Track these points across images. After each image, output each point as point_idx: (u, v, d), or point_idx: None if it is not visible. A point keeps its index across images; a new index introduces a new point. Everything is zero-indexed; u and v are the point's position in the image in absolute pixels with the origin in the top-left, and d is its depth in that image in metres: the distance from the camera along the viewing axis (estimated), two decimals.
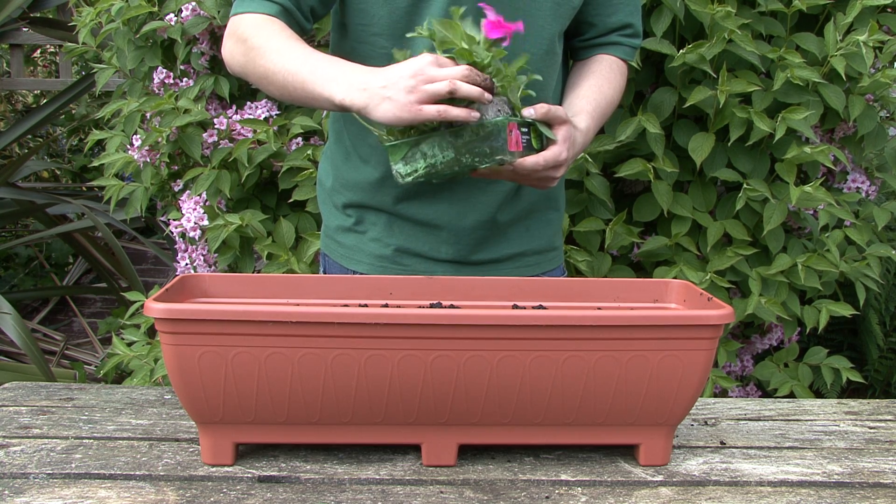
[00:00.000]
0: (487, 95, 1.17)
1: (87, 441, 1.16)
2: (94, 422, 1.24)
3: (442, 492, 1.03)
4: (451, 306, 1.24)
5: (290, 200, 2.20)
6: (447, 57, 1.19)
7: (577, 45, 1.49)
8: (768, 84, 2.04)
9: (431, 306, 1.24)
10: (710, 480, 1.09)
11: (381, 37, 1.34)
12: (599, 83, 1.44)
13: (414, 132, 1.21)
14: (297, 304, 1.20)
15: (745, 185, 2.05)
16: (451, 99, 1.17)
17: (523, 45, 1.33)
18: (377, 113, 1.18)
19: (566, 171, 1.32)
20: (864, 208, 2.23)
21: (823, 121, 2.18)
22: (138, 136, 2.28)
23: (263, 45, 1.28)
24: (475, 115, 1.17)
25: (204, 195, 2.22)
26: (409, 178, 1.21)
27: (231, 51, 1.34)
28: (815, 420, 1.33)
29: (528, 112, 1.25)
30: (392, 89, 1.17)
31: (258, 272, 2.27)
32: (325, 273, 1.56)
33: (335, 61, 1.26)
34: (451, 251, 1.44)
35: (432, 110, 1.16)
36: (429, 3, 1.32)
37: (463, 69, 1.16)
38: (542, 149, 1.27)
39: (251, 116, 2.23)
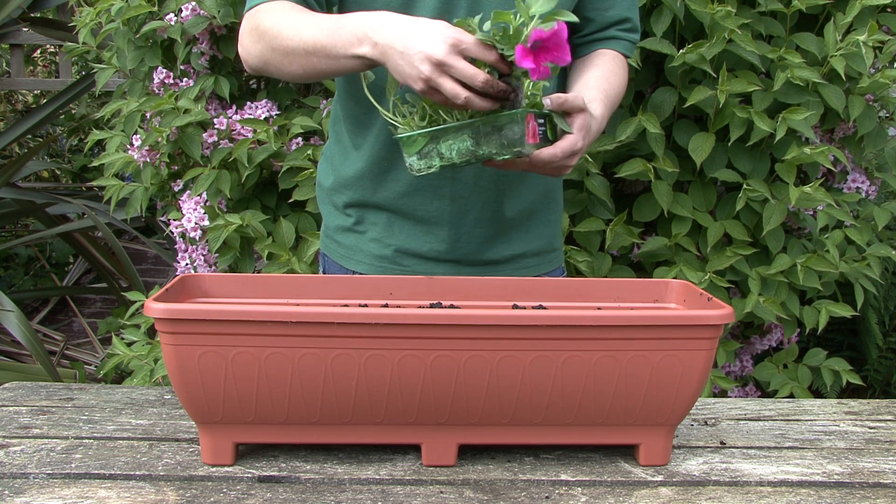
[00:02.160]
0: (495, 106, 1.15)
1: (87, 441, 1.16)
2: (94, 422, 1.24)
3: (442, 492, 1.03)
4: (451, 306, 1.24)
5: (290, 200, 2.21)
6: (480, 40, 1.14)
7: (575, 42, 1.48)
8: (768, 84, 2.04)
9: (431, 306, 1.24)
10: (710, 480, 1.09)
11: None
12: (605, 74, 1.42)
13: (428, 120, 1.19)
14: (297, 304, 1.20)
15: (744, 186, 2.05)
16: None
17: None
18: (390, 67, 1.18)
19: (581, 157, 1.31)
20: (864, 208, 2.23)
21: (823, 121, 2.18)
22: (138, 136, 2.28)
23: (277, 24, 1.27)
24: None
25: (204, 195, 2.22)
26: (424, 173, 1.20)
27: (246, 45, 1.33)
28: (815, 420, 1.33)
29: (546, 102, 1.23)
30: (407, 60, 1.15)
31: (258, 272, 2.27)
32: (324, 273, 1.56)
33: (352, 16, 1.23)
34: (450, 252, 1.44)
35: (438, 99, 1.15)
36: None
37: (482, 79, 1.13)
38: (556, 138, 1.25)
39: (251, 116, 2.23)
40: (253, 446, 1.14)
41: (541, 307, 1.26)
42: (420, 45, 1.14)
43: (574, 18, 1.14)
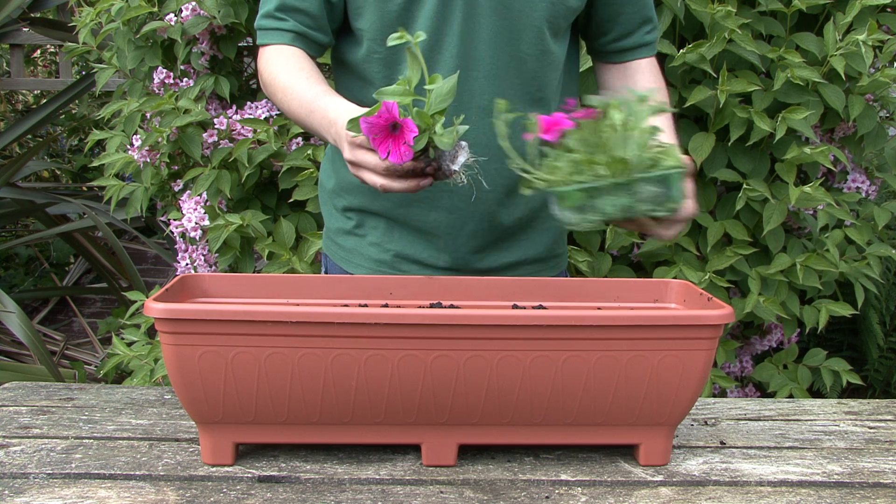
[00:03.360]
0: (425, 182, 1.14)
1: (87, 441, 1.16)
2: (94, 422, 1.24)
3: (442, 492, 1.03)
4: (451, 306, 1.24)
5: (291, 200, 2.21)
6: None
7: (608, 49, 1.50)
8: (768, 84, 2.04)
9: (431, 306, 1.24)
10: (710, 480, 1.09)
11: (374, 41, 1.36)
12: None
13: (576, 171, 1.17)
14: (297, 304, 1.20)
15: (744, 185, 2.05)
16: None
17: (511, 38, 1.34)
18: None
19: None
20: (864, 208, 2.23)
21: (823, 121, 2.18)
22: (138, 136, 2.28)
23: (272, 84, 1.37)
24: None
25: (204, 195, 2.22)
26: (577, 226, 1.20)
27: (263, 87, 1.43)
28: (815, 420, 1.33)
29: (684, 161, 1.20)
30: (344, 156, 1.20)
31: (258, 272, 2.27)
32: (326, 273, 1.56)
33: (319, 105, 1.28)
34: (449, 259, 1.44)
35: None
36: (419, 9, 1.32)
37: (382, 167, 1.12)
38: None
39: (251, 116, 2.23)
40: (253, 446, 1.14)
41: (541, 307, 1.26)
42: (341, 146, 1.20)
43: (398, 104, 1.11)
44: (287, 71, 1.35)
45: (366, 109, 1.13)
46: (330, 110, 1.25)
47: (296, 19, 1.36)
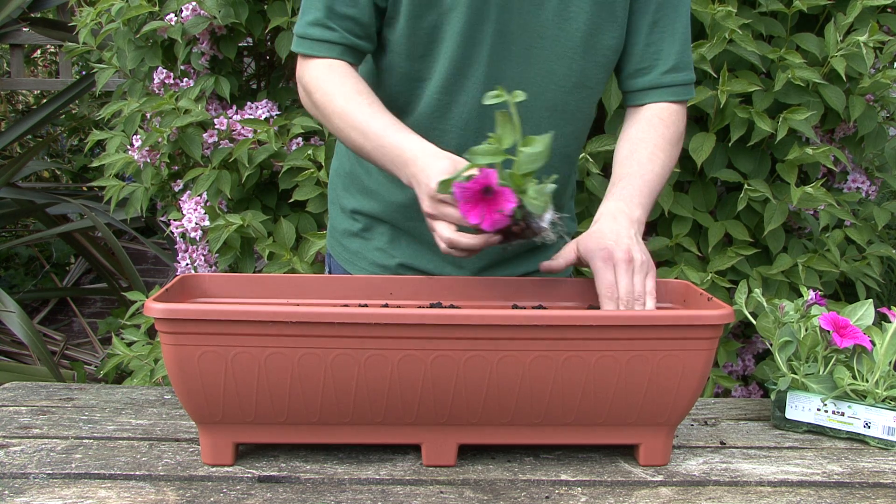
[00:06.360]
0: (494, 239, 1.13)
1: (87, 441, 1.16)
2: (94, 422, 1.24)
3: (442, 492, 1.03)
4: (451, 306, 1.24)
5: (291, 200, 2.20)
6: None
7: (624, 89, 1.42)
8: (769, 84, 2.04)
9: (431, 306, 1.24)
10: (710, 480, 1.09)
11: (400, 55, 1.33)
12: (644, 161, 1.35)
13: None
14: (297, 304, 1.20)
15: (745, 186, 2.05)
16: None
17: (549, 80, 1.32)
18: None
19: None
20: (864, 208, 2.24)
21: (824, 121, 2.18)
22: (138, 136, 2.28)
23: (325, 106, 1.30)
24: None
25: (204, 195, 2.22)
26: None
27: (303, 99, 1.36)
28: None
29: None
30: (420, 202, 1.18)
31: (259, 272, 2.27)
32: (330, 272, 1.56)
33: (391, 141, 1.23)
34: (454, 272, 1.43)
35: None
36: (447, 28, 1.29)
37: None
38: None
39: (251, 116, 2.23)
40: (253, 446, 1.14)
41: (541, 307, 1.25)
42: (420, 194, 1.17)
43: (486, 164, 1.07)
44: (344, 95, 1.28)
45: (446, 157, 1.13)
46: (406, 149, 1.20)
47: (344, 28, 1.29)
